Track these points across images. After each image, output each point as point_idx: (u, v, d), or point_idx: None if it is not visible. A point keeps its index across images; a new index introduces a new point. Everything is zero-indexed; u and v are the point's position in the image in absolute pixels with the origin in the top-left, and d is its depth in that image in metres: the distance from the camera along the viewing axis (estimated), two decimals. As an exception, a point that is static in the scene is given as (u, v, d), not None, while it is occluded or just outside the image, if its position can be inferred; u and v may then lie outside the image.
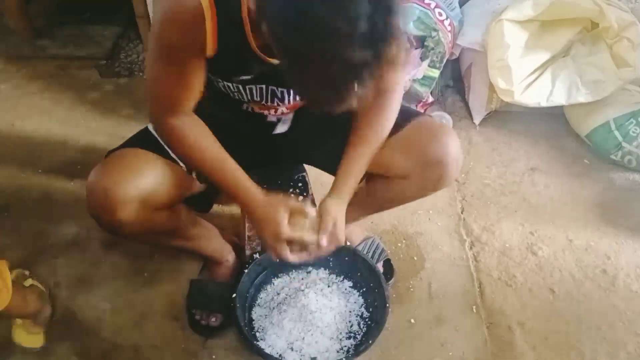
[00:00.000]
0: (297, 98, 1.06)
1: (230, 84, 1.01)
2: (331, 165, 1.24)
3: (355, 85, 0.73)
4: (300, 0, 0.67)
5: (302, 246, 1.04)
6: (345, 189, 1.07)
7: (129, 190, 0.99)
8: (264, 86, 1.01)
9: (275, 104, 1.07)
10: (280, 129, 1.18)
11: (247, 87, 1.01)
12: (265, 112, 1.11)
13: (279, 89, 1.03)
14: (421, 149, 1.09)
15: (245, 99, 1.05)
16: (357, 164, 1.08)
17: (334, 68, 0.70)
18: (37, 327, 1.25)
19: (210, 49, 0.90)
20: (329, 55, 0.68)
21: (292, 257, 1.03)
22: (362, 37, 0.67)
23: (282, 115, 1.13)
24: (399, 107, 1.09)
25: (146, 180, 1.01)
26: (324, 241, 1.03)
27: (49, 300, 1.32)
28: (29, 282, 1.32)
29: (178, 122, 1.00)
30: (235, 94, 1.04)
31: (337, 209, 1.05)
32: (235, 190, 1.04)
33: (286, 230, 1.00)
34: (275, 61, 0.93)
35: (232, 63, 0.96)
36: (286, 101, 1.06)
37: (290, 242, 1.02)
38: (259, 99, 1.05)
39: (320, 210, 1.04)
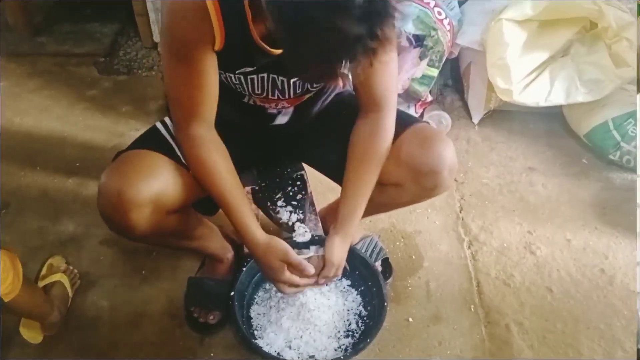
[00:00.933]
0: (298, 91, 1.06)
1: (232, 75, 1.01)
2: (327, 169, 1.25)
3: (348, 59, 0.74)
4: None
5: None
6: (350, 225, 1.10)
7: (143, 193, 0.98)
8: (265, 75, 1.01)
9: (276, 97, 1.07)
10: (280, 120, 1.18)
11: (248, 77, 1.01)
12: (266, 105, 1.11)
13: (280, 78, 1.02)
14: (415, 159, 1.09)
15: (247, 92, 1.05)
16: (360, 198, 1.09)
17: (328, 39, 0.71)
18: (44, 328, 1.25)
19: (219, 42, 0.91)
20: (325, 26, 0.69)
21: (289, 292, 1.09)
22: (358, 12, 0.68)
23: (282, 108, 1.14)
24: (394, 127, 1.10)
25: (159, 183, 1.01)
26: (322, 283, 1.09)
27: (65, 305, 1.31)
28: (56, 277, 1.31)
29: (199, 132, 0.99)
30: (237, 86, 1.04)
31: (341, 250, 1.09)
32: (239, 226, 1.05)
33: (284, 277, 1.05)
34: (277, 52, 0.94)
35: (236, 55, 0.96)
36: (286, 94, 1.06)
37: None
38: (259, 91, 1.05)
39: (326, 253, 1.08)
